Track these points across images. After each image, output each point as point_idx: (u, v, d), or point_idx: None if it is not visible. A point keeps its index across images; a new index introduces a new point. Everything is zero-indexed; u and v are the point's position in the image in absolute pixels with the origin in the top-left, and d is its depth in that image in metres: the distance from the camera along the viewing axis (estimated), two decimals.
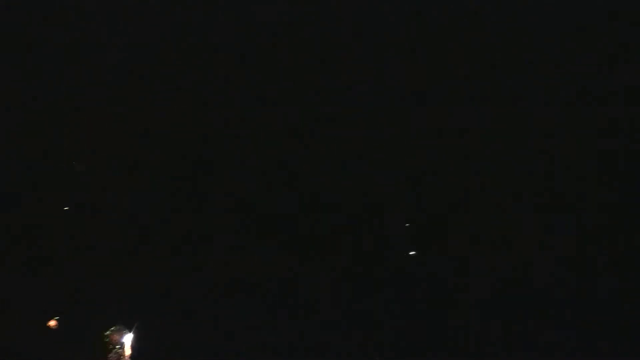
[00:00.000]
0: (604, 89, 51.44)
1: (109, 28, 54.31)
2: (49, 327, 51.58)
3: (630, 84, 51.56)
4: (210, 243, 54.31)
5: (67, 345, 50.83)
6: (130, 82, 55.54)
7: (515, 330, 49.17)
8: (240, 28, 54.91)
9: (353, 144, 52.82)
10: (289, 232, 54.13)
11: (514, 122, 51.93)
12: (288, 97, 54.34)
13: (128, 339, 27.22)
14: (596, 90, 51.50)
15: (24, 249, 54.44)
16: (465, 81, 52.21)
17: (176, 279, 53.39)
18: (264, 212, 54.91)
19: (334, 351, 49.68)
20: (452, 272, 50.89)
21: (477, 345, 49.00)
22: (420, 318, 50.35)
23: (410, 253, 54.00)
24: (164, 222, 54.47)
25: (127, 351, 28.15)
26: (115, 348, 28.67)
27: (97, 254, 54.74)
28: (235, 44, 55.97)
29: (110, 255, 54.57)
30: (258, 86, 54.96)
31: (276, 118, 54.64)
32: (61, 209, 54.43)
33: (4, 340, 50.32)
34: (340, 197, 53.00)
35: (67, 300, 53.56)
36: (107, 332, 28.39)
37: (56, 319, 50.78)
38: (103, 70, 55.13)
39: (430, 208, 52.39)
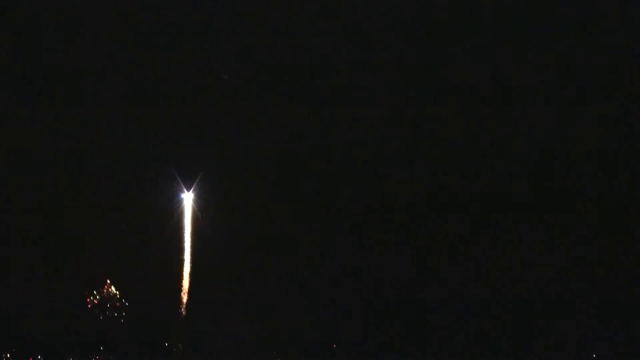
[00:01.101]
0: (604, 89, 51.20)
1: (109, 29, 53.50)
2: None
3: (630, 84, 51.42)
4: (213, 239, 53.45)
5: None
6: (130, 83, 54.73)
7: (515, 330, 49.09)
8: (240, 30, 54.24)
9: (353, 144, 52.16)
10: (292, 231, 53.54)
11: (515, 122, 51.51)
12: (287, 97, 53.71)
13: None
14: (596, 91, 51.26)
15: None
16: (465, 81, 51.79)
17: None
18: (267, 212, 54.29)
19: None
20: (453, 272, 50.65)
21: (477, 344, 48.93)
22: (421, 317, 50.06)
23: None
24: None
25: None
26: None
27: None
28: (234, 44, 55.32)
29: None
30: (258, 87, 54.38)
31: (276, 118, 54.12)
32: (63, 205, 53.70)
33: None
34: (341, 197, 52.47)
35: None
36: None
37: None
38: (103, 71, 54.39)
39: (431, 208, 51.98)
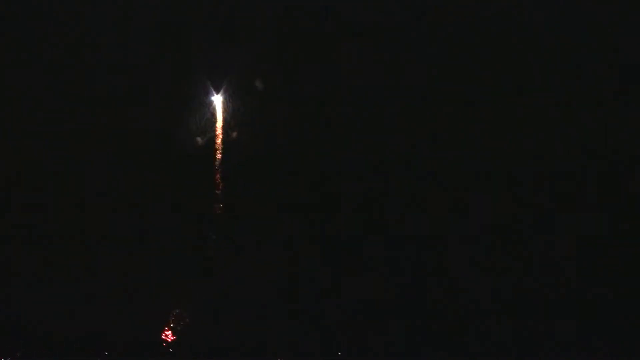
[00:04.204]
0: (603, 90, 51.61)
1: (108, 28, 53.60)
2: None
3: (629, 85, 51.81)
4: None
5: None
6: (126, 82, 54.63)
7: (514, 329, 49.32)
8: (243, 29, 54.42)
9: (353, 145, 52.43)
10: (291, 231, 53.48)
11: (515, 121, 51.87)
12: (288, 98, 53.83)
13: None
14: (595, 92, 51.66)
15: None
16: (466, 82, 52.06)
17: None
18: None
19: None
20: (453, 271, 50.81)
21: (477, 344, 49.16)
22: (420, 316, 50.25)
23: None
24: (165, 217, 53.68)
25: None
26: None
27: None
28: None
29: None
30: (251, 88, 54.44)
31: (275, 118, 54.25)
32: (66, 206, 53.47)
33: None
34: (341, 198, 52.68)
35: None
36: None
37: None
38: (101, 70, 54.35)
39: (430, 207, 52.16)
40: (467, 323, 51.08)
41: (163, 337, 50.15)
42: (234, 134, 52.63)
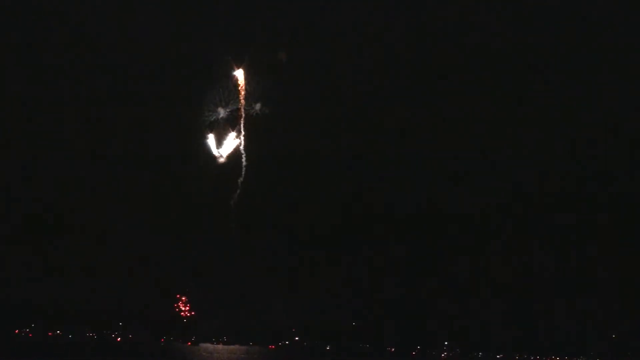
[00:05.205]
0: (604, 91, 53.27)
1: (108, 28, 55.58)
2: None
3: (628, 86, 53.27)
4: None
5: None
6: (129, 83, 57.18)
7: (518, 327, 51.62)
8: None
9: (354, 143, 54.91)
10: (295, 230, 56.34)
11: (515, 121, 53.88)
12: (290, 97, 55.97)
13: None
14: (596, 93, 53.33)
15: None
16: (466, 81, 54.04)
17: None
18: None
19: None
20: (454, 271, 53.04)
21: (479, 341, 51.33)
22: (422, 313, 52.43)
23: None
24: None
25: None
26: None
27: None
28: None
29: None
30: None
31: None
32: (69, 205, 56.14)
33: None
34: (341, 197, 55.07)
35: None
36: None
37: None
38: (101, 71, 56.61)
39: (430, 206, 54.48)
40: (467, 322, 52.57)
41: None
42: (257, 106, 55.17)
